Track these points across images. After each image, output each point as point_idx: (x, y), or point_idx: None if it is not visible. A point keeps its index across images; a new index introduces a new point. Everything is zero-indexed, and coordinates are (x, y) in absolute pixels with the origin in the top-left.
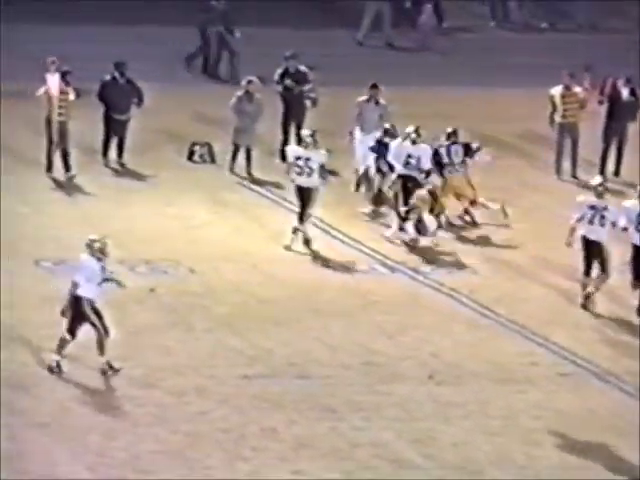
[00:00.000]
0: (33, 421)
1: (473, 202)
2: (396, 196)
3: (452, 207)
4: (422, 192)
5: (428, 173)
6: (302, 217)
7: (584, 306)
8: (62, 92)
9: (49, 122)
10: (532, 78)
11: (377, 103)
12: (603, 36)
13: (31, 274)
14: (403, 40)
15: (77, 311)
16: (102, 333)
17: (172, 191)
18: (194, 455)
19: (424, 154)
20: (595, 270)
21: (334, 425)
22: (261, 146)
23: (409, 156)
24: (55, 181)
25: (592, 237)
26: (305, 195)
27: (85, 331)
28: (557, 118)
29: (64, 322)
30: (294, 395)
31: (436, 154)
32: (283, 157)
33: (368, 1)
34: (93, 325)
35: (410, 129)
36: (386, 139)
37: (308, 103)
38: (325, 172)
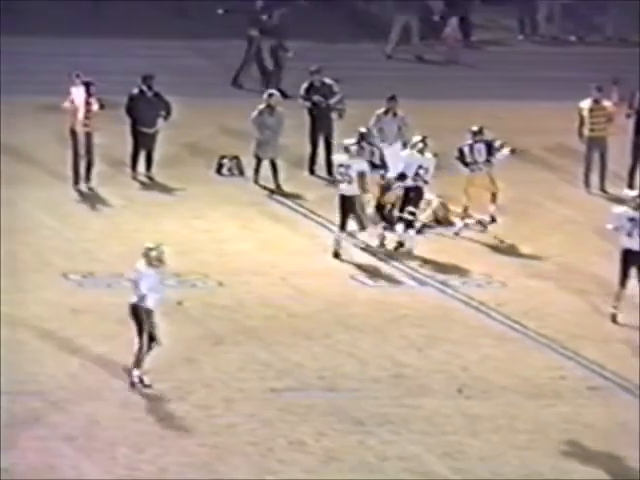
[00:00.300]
0: (61, 434)
1: (494, 195)
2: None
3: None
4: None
5: (426, 182)
6: (343, 226)
7: (614, 319)
8: (86, 103)
9: (74, 133)
10: (561, 92)
11: (395, 115)
12: (632, 49)
13: (60, 287)
14: (432, 53)
15: (139, 320)
16: (144, 347)
17: (201, 204)
18: (222, 468)
19: (431, 164)
20: (631, 281)
21: (363, 438)
22: (288, 158)
23: (419, 167)
24: (83, 194)
25: (636, 248)
26: (346, 203)
27: (116, 343)
28: (585, 132)
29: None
30: (323, 408)
31: (461, 153)
32: (312, 170)
33: (396, 14)
34: (140, 335)
35: (417, 138)
36: (363, 144)
37: (334, 115)
38: (364, 181)
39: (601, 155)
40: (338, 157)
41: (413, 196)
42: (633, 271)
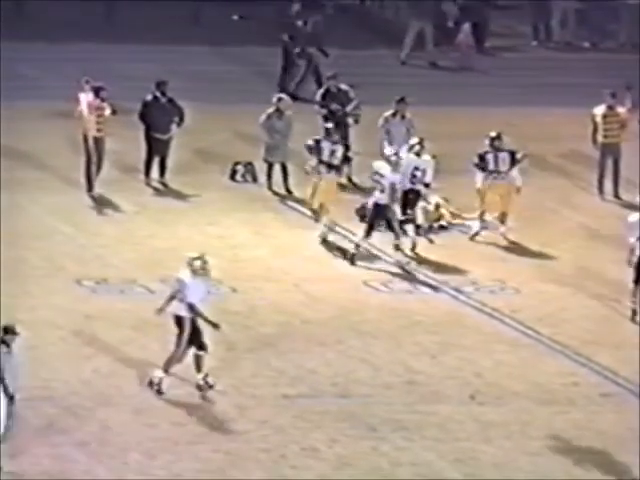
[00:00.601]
0: (74, 440)
1: (504, 215)
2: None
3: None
4: (428, 205)
5: (427, 185)
6: (369, 233)
7: (633, 313)
8: (98, 108)
9: (86, 139)
10: (575, 98)
11: (403, 117)
12: None
13: (73, 293)
14: (446, 60)
15: (190, 328)
16: (177, 355)
17: (214, 211)
18: (235, 474)
19: (429, 166)
20: None
21: (375, 444)
22: (302, 164)
23: (416, 168)
24: (96, 200)
25: None
26: (377, 211)
27: (129, 349)
28: (599, 138)
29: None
30: (335, 414)
31: (482, 160)
32: None
33: (411, 20)
34: (178, 343)
35: (414, 141)
36: (324, 143)
37: (350, 120)
38: (394, 192)
39: (615, 161)
40: (376, 164)
41: (411, 198)
42: None
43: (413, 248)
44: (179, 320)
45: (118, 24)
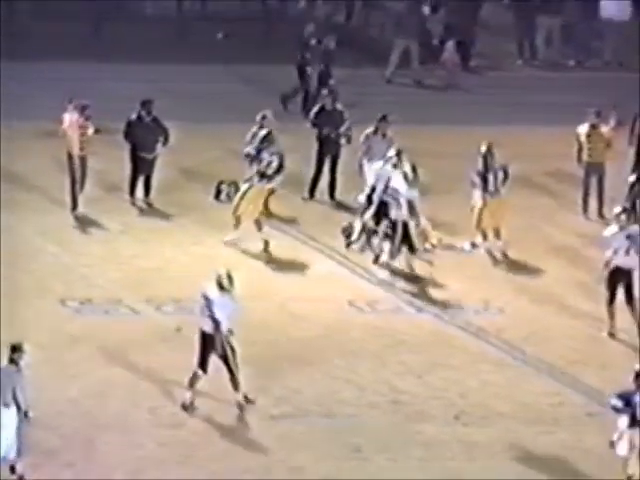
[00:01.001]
0: (60, 459)
1: (498, 231)
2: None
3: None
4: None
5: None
6: (412, 249)
7: (612, 335)
8: (81, 127)
9: (70, 158)
10: (560, 116)
11: (384, 136)
12: (631, 74)
13: (58, 313)
14: (431, 78)
15: (209, 346)
16: (234, 369)
17: (199, 230)
18: None
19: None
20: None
21: (360, 464)
22: (287, 182)
23: (389, 180)
24: (82, 220)
25: (628, 266)
26: (396, 228)
27: (114, 369)
28: (584, 157)
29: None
30: (320, 434)
31: (484, 180)
32: (312, 194)
33: (396, 38)
34: (226, 360)
35: (391, 153)
36: (264, 154)
37: (343, 140)
38: (414, 210)
39: (599, 180)
40: (393, 180)
41: (384, 210)
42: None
43: (376, 260)
44: (205, 337)
45: (105, 43)
